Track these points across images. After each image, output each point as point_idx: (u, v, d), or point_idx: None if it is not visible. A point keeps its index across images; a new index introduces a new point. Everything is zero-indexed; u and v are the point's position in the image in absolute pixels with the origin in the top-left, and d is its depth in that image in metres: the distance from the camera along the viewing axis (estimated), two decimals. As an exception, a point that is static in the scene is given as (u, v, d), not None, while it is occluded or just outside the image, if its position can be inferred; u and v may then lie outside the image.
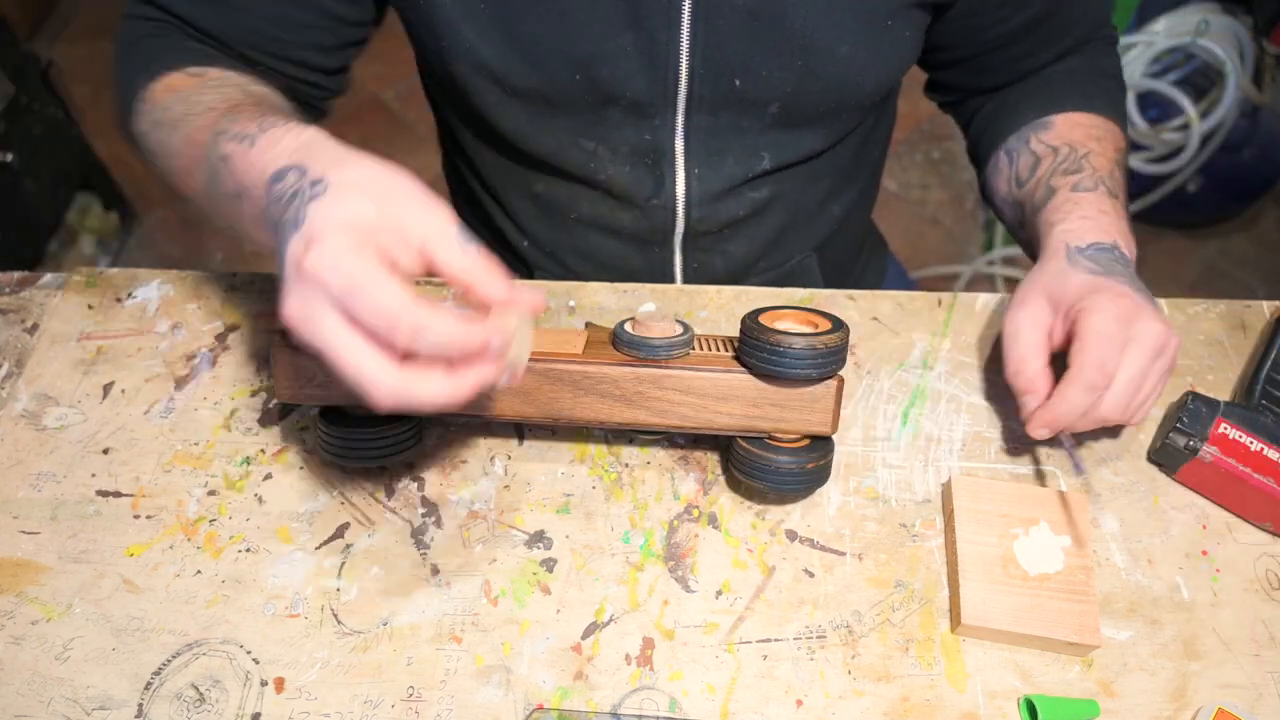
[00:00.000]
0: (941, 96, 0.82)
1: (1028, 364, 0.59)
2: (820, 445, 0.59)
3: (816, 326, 0.56)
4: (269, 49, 0.66)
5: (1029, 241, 0.71)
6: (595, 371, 0.56)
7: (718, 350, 0.59)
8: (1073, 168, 0.68)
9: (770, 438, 0.58)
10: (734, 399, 0.56)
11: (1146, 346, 0.56)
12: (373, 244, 0.40)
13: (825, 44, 0.63)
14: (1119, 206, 0.66)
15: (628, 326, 0.58)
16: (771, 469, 0.57)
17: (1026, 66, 0.74)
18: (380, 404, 0.41)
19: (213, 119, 0.55)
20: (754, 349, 0.55)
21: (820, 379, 0.56)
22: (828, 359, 0.54)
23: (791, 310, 0.58)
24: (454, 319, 0.39)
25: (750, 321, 0.56)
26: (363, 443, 0.59)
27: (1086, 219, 0.64)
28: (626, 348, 0.57)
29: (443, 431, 0.66)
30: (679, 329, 0.58)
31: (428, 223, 0.42)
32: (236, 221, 0.53)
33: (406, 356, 0.41)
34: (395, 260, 0.41)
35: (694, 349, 0.59)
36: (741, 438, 0.59)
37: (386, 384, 0.40)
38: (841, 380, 0.56)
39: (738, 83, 0.66)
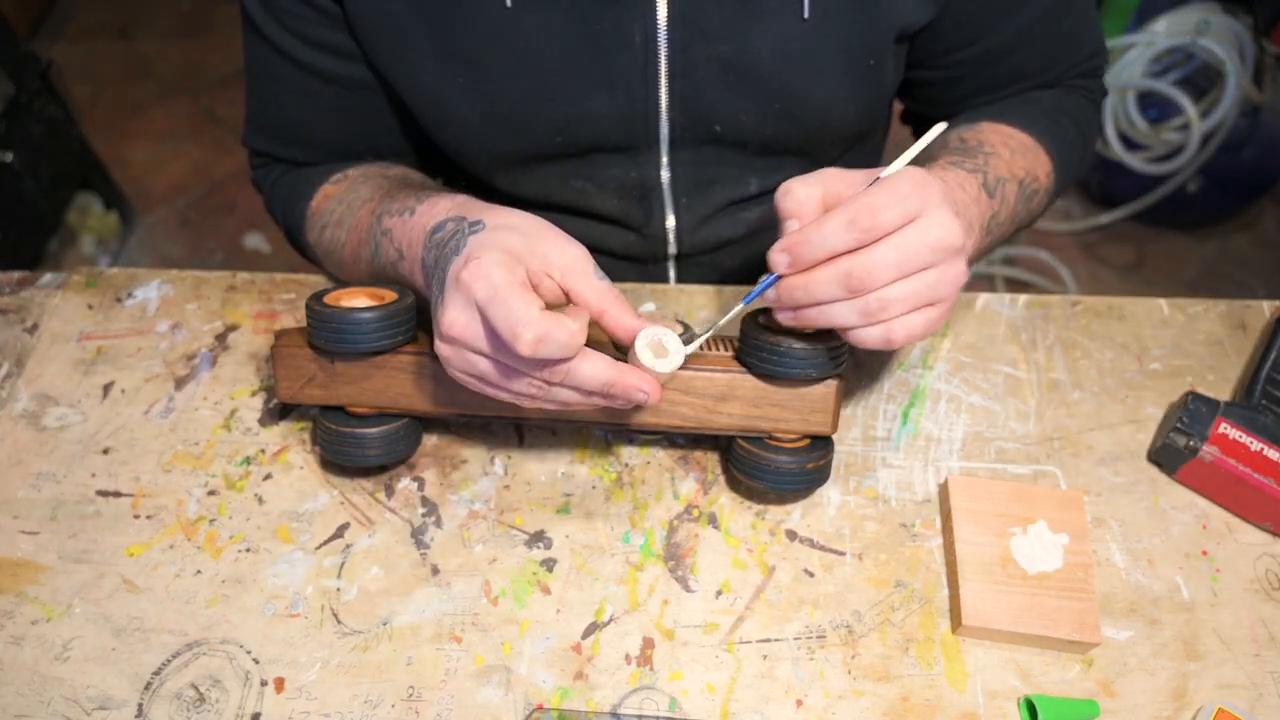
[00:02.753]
0: (910, 125, 0.82)
1: (801, 190, 0.49)
2: (820, 445, 0.59)
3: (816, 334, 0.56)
4: (365, 153, 0.73)
5: None
6: None
7: (718, 350, 0.59)
8: (965, 153, 0.62)
9: (770, 438, 0.58)
10: (734, 399, 0.56)
11: (932, 233, 0.46)
12: (522, 266, 0.47)
13: (802, 88, 0.63)
14: (985, 200, 0.58)
15: None
16: (771, 469, 0.57)
17: (977, 104, 0.71)
18: (522, 402, 0.49)
19: (372, 207, 0.63)
20: (754, 349, 0.55)
21: (820, 379, 0.56)
22: (828, 360, 0.54)
23: None
24: (574, 329, 0.44)
25: (750, 322, 0.56)
26: (363, 442, 0.59)
27: (942, 181, 0.54)
28: None
29: (443, 431, 0.66)
30: (679, 329, 0.58)
31: (568, 255, 0.48)
32: (395, 277, 0.60)
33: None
34: (538, 285, 0.48)
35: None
36: (741, 438, 0.59)
37: (516, 386, 0.48)
38: (842, 380, 0.56)
39: (718, 128, 0.66)
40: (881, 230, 0.45)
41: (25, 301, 0.75)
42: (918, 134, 0.81)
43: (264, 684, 0.55)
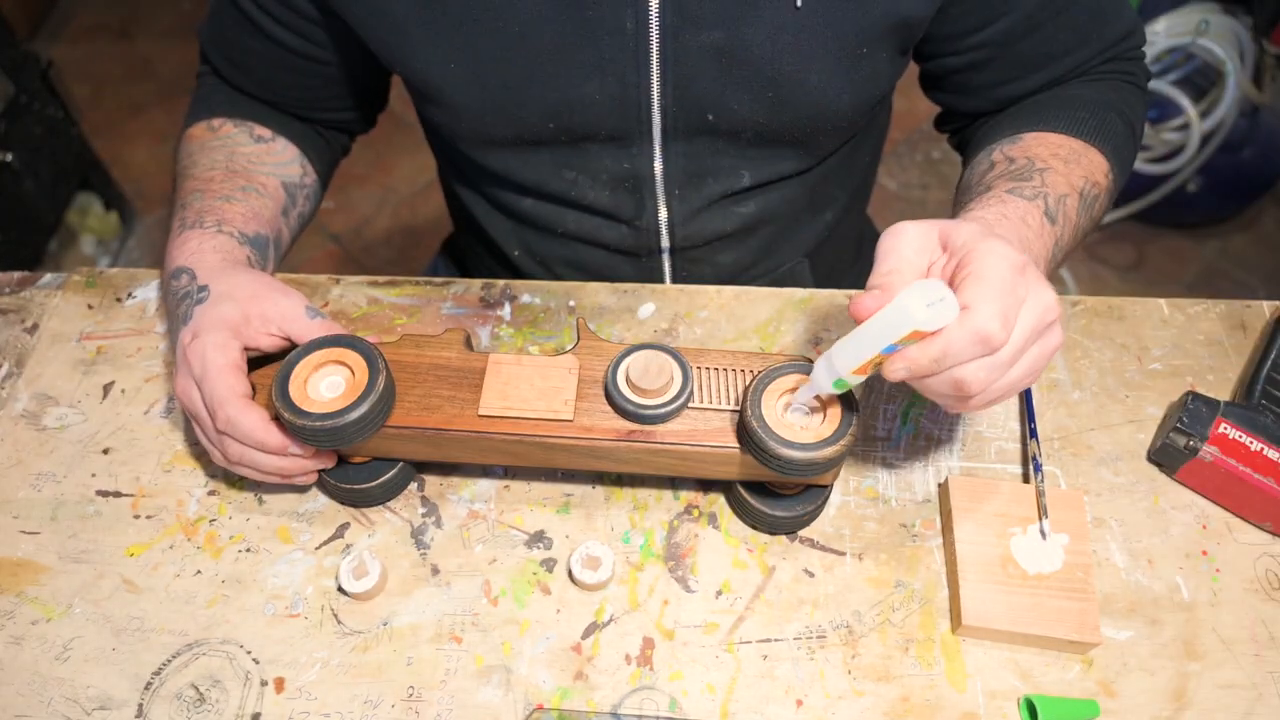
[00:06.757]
0: (947, 128, 0.79)
1: (897, 268, 0.48)
2: (817, 490, 0.59)
3: (826, 416, 0.52)
4: (291, 108, 0.76)
5: None
6: (587, 445, 0.55)
7: (717, 406, 0.55)
8: (1020, 176, 0.61)
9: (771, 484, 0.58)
10: (731, 464, 0.55)
11: (1036, 313, 0.46)
12: (238, 338, 0.56)
13: (794, 76, 0.63)
14: (1049, 230, 0.58)
15: (620, 380, 0.54)
16: (767, 519, 0.59)
17: (1012, 92, 0.70)
18: (217, 460, 0.59)
19: (192, 185, 0.69)
20: (753, 443, 0.52)
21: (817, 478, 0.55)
22: (825, 467, 0.51)
23: (800, 374, 0.53)
24: (262, 422, 0.54)
25: (752, 406, 0.52)
26: (365, 495, 0.61)
27: (1005, 219, 0.56)
28: (620, 412, 0.55)
29: (443, 431, 0.66)
30: (675, 376, 0.55)
31: (282, 307, 0.58)
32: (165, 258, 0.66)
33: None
34: (258, 343, 0.57)
35: (692, 400, 0.55)
36: (741, 484, 0.59)
37: (215, 453, 0.58)
38: (852, 438, 0.52)
39: (710, 116, 0.66)
40: (1011, 334, 0.46)
41: (25, 301, 0.75)
42: (956, 144, 0.79)
43: (264, 684, 0.55)
